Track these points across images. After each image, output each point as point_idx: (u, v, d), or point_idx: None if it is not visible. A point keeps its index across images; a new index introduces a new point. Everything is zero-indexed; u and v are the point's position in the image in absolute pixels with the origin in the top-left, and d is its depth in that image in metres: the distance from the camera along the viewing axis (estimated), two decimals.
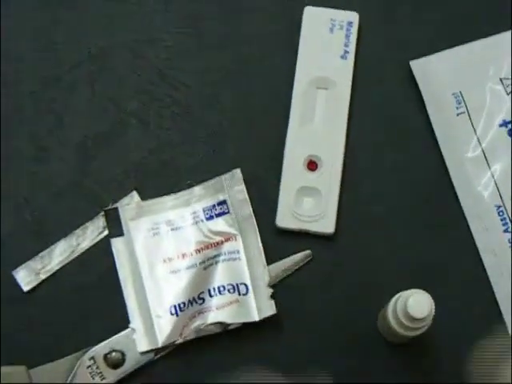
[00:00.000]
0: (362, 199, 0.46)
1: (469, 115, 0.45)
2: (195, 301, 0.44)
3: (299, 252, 0.45)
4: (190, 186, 0.46)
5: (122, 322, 0.44)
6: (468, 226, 0.45)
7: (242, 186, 0.46)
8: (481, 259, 0.45)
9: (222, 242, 0.45)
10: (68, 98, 0.47)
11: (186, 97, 0.47)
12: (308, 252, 0.45)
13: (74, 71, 0.48)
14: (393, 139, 0.47)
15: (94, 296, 0.45)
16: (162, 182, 0.46)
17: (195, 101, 0.47)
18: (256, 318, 0.44)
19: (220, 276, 0.45)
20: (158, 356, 0.44)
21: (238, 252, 0.45)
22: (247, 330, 0.44)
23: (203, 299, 0.44)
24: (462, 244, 0.45)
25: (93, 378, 0.43)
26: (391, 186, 0.46)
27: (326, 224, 0.45)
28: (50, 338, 0.44)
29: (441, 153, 0.46)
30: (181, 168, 0.46)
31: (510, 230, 0.44)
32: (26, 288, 0.45)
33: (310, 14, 0.47)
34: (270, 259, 0.45)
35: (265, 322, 0.43)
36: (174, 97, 0.47)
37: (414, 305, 0.36)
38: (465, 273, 0.45)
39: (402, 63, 0.47)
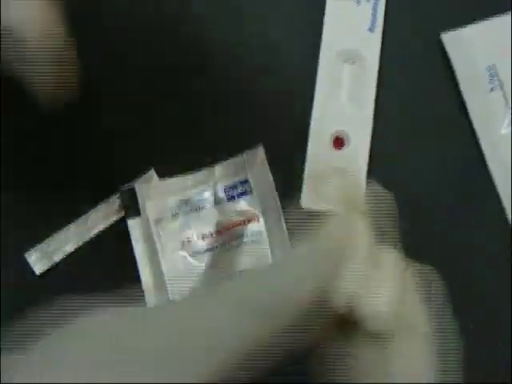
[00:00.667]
0: (390, 179, 0.44)
1: (503, 90, 0.43)
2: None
3: None
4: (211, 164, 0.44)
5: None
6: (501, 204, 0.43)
7: (265, 165, 0.43)
8: None
9: (244, 223, 0.43)
10: None
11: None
12: None
13: None
14: (422, 115, 0.45)
15: (109, 279, 0.43)
16: (180, 159, 0.44)
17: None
18: None
19: (243, 259, 0.43)
20: None
21: (261, 234, 0.43)
22: None
23: None
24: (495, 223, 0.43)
25: None
26: (421, 165, 0.44)
27: None
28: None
29: (473, 130, 0.44)
30: (201, 144, 0.44)
31: None
32: (38, 271, 0.43)
33: None
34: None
35: None
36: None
37: None
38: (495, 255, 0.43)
39: (432, 36, 0.45)
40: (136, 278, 0.43)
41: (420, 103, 0.45)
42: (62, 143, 0.44)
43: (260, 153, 0.43)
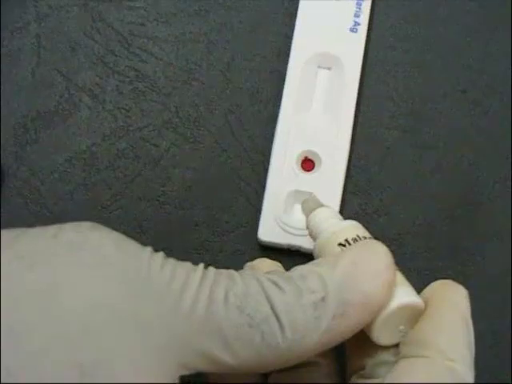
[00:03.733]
0: (369, 210, 0.36)
1: None
2: None
3: None
4: None
5: None
6: None
7: None
8: None
9: None
10: (8, 67, 0.38)
11: (153, 71, 0.38)
12: None
13: (16, 35, 0.38)
14: (411, 133, 0.37)
15: None
16: (116, 175, 0.36)
17: (164, 77, 0.38)
18: None
19: None
20: None
21: None
22: None
23: None
24: None
25: None
26: (408, 195, 0.37)
27: None
28: None
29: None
30: (141, 159, 0.37)
31: None
32: None
33: None
34: None
35: None
36: (139, 70, 0.38)
37: None
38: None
39: (423, 38, 0.38)
40: None
41: (408, 118, 0.37)
42: None
43: None
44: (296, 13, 0.37)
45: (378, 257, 0.26)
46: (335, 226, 0.29)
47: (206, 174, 0.36)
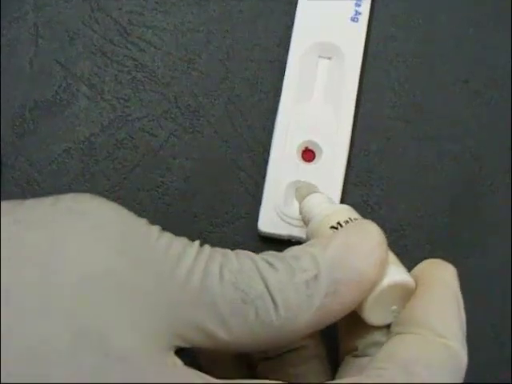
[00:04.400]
0: (370, 201, 0.36)
1: None
2: None
3: None
4: None
5: None
6: None
7: None
8: None
9: None
10: (5, 57, 0.37)
11: (152, 60, 0.37)
12: None
13: (14, 25, 0.38)
14: (412, 124, 0.37)
15: None
16: (114, 165, 0.36)
17: (164, 66, 0.37)
18: None
19: None
20: None
21: None
22: None
23: None
24: None
25: None
26: (409, 186, 0.36)
27: None
28: None
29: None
30: (140, 150, 0.36)
31: None
32: None
33: None
34: None
35: None
36: (138, 60, 0.37)
37: None
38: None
39: (425, 28, 0.37)
40: None
41: (409, 109, 0.37)
42: None
43: None
44: (296, 2, 0.37)
45: (369, 236, 0.26)
46: (327, 210, 0.29)
47: (205, 165, 0.36)
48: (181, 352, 0.31)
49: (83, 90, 0.37)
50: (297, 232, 0.35)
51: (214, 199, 0.36)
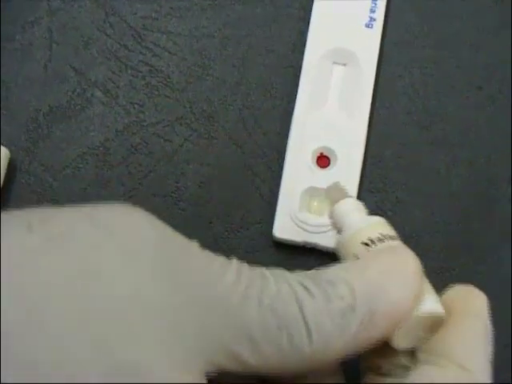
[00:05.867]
0: (385, 207, 0.36)
1: None
2: None
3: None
4: None
5: None
6: None
7: None
8: None
9: None
10: (20, 62, 0.37)
11: (167, 66, 0.37)
12: None
13: (28, 30, 0.38)
14: (427, 130, 0.37)
15: None
16: (129, 171, 0.36)
17: (178, 71, 0.37)
18: None
19: None
20: None
21: None
22: None
23: None
24: None
25: None
26: (424, 192, 0.36)
27: None
28: None
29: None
30: (155, 155, 0.36)
31: None
32: None
33: None
34: None
35: None
36: (153, 65, 0.37)
37: None
38: None
39: (439, 35, 0.37)
40: None
41: (425, 116, 0.37)
42: None
43: None
44: (311, 8, 0.37)
45: (405, 265, 0.26)
46: (359, 223, 0.29)
47: (220, 170, 0.36)
48: None
49: (98, 95, 0.37)
50: (311, 238, 0.35)
51: (229, 205, 0.36)
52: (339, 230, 0.30)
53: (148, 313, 0.22)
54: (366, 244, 0.28)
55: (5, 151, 0.35)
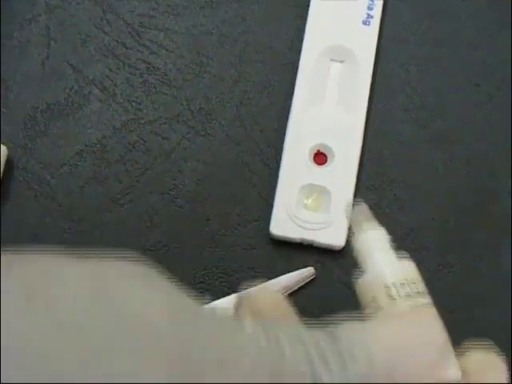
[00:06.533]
0: (383, 204, 0.36)
1: None
2: None
3: (298, 269, 0.35)
4: None
5: None
6: None
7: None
8: None
9: None
10: (17, 59, 0.37)
11: (164, 63, 0.37)
12: (310, 269, 0.35)
13: (26, 27, 0.38)
14: (424, 127, 0.37)
15: None
16: (127, 168, 0.36)
17: (176, 69, 0.37)
18: None
19: None
20: None
21: None
22: None
23: None
24: None
25: None
26: (422, 189, 0.36)
27: (334, 234, 0.35)
28: None
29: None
30: (152, 153, 0.36)
31: None
32: None
33: None
34: (262, 275, 0.35)
35: None
36: (150, 63, 0.37)
37: None
38: None
39: (437, 32, 0.37)
40: None
41: (421, 110, 0.37)
42: None
43: None
44: (308, 5, 0.37)
45: (431, 339, 0.25)
46: (384, 264, 0.27)
47: (217, 168, 0.36)
48: None
49: (95, 92, 0.37)
50: (308, 235, 0.35)
51: (226, 202, 0.36)
52: (361, 263, 0.28)
53: None
54: (391, 297, 0.26)
55: (3, 148, 0.35)
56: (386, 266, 0.27)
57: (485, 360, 0.27)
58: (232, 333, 0.23)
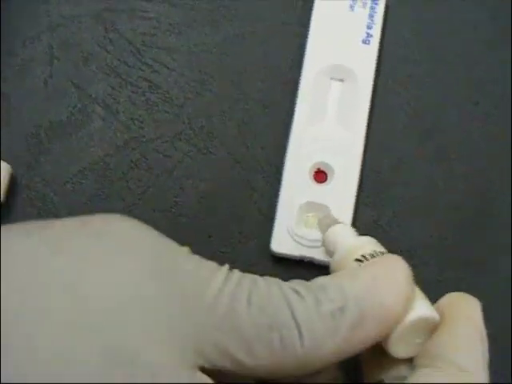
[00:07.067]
0: (382, 221, 0.36)
1: None
2: None
3: None
4: None
5: None
6: None
7: None
8: None
9: None
10: (20, 77, 0.38)
11: (166, 82, 0.38)
12: None
13: (29, 45, 0.38)
14: (423, 145, 0.37)
15: None
16: (129, 186, 0.37)
17: (177, 87, 0.38)
18: None
19: None
20: None
21: None
22: None
23: None
24: None
25: None
26: (421, 206, 0.37)
27: None
28: None
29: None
30: (154, 171, 0.37)
31: None
32: None
33: None
34: None
35: None
36: (152, 81, 0.38)
37: None
38: None
39: (436, 50, 0.38)
40: None
41: (421, 127, 0.37)
42: None
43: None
44: (309, 24, 0.37)
45: (396, 270, 0.27)
46: (351, 242, 0.29)
47: (218, 185, 0.37)
48: None
49: (98, 110, 0.37)
50: (309, 252, 0.35)
51: (228, 220, 0.36)
52: (332, 254, 0.30)
53: (140, 308, 0.23)
54: (359, 260, 0.28)
55: (6, 166, 0.35)
56: (353, 243, 0.29)
57: (457, 295, 0.28)
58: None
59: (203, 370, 0.24)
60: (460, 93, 0.38)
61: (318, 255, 0.35)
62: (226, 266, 0.26)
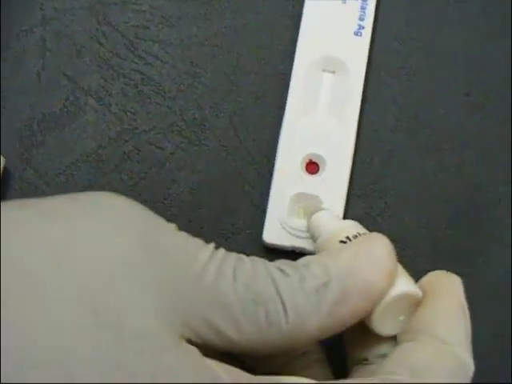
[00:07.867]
0: (373, 212, 0.37)
1: None
2: None
3: None
4: None
5: None
6: None
7: None
8: None
9: None
10: (13, 70, 0.38)
11: (158, 74, 0.38)
12: None
13: (22, 38, 0.38)
14: (415, 136, 0.37)
15: None
16: (121, 177, 0.37)
17: (170, 80, 0.38)
18: None
19: None
20: None
21: None
22: None
23: None
24: None
25: None
26: (412, 198, 0.37)
27: None
28: None
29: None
30: (147, 162, 0.37)
31: None
32: None
33: None
34: None
35: None
36: (144, 73, 0.38)
37: None
38: None
39: (427, 42, 0.38)
40: None
41: (413, 123, 0.37)
42: None
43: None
44: (301, 16, 0.37)
45: (379, 246, 0.27)
46: (336, 226, 0.30)
47: (210, 177, 0.37)
48: None
49: (90, 103, 0.37)
50: (301, 243, 0.35)
51: (220, 211, 0.36)
52: (317, 238, 0.30)
53: (128, 273, 0.24)
54: (343, 242, 0.28)
55: (1, 159, 0.36)
56: (337, 226, 0.30)
57: (439, 273, 0.29)
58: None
59: (190, 343, 0.25)
60: (451, 84, 0.38)
61: (310, 246, 0.35)
62: (212, 244, 0.27)
